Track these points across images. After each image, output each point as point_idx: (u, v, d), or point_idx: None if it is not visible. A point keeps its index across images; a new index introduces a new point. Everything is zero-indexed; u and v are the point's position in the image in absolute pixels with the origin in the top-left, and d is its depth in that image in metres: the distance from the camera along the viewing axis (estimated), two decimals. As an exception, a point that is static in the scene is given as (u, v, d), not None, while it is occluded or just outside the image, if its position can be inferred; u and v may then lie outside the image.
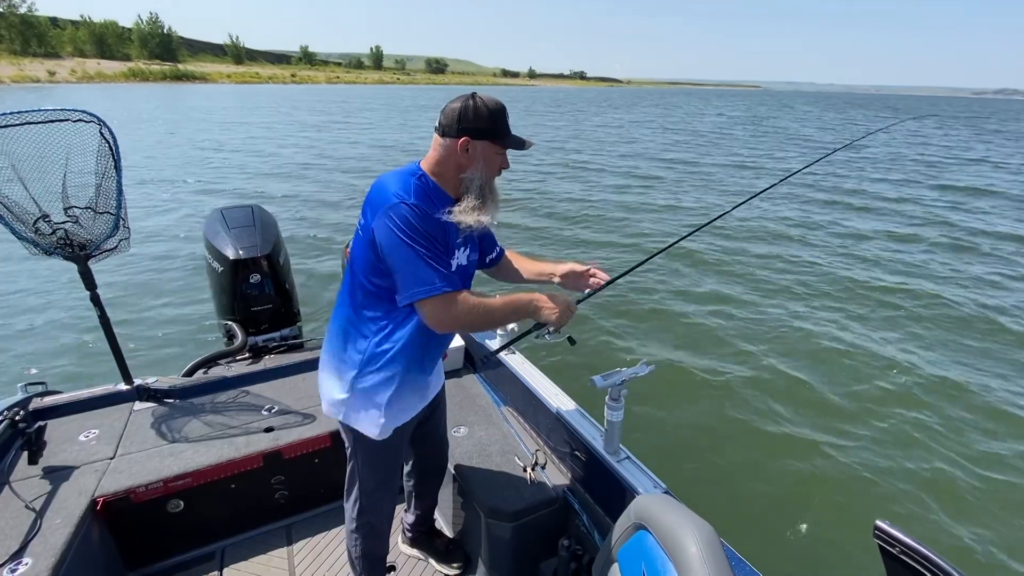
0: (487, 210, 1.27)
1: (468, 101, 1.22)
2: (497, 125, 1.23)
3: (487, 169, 1.26)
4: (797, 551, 2.70)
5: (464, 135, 1.21)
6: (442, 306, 1.19)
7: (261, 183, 11.56)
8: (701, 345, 4.85)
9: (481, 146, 1.23)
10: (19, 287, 5.58)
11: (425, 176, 1.26)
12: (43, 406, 2.00)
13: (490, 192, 1.28)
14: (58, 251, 1.92)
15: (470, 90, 1.36)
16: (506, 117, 1.26)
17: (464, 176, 1.25)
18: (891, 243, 8.26)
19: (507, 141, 1.25)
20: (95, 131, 1.91)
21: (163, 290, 5.70)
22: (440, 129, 1.24)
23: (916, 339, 5.07)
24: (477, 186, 1.26)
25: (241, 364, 2.40)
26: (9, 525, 1.48)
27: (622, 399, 1.53)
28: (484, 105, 1.22)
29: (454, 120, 1.21)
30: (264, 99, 47.42)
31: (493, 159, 1.26)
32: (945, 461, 3.39)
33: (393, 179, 1.24)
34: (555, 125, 28.58)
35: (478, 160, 1.24)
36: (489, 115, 1.22)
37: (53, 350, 4.40)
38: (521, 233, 8.31)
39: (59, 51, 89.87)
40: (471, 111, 1.21)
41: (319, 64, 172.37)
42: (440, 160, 1.25)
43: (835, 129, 31.23)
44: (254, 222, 2.50)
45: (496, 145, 1.25)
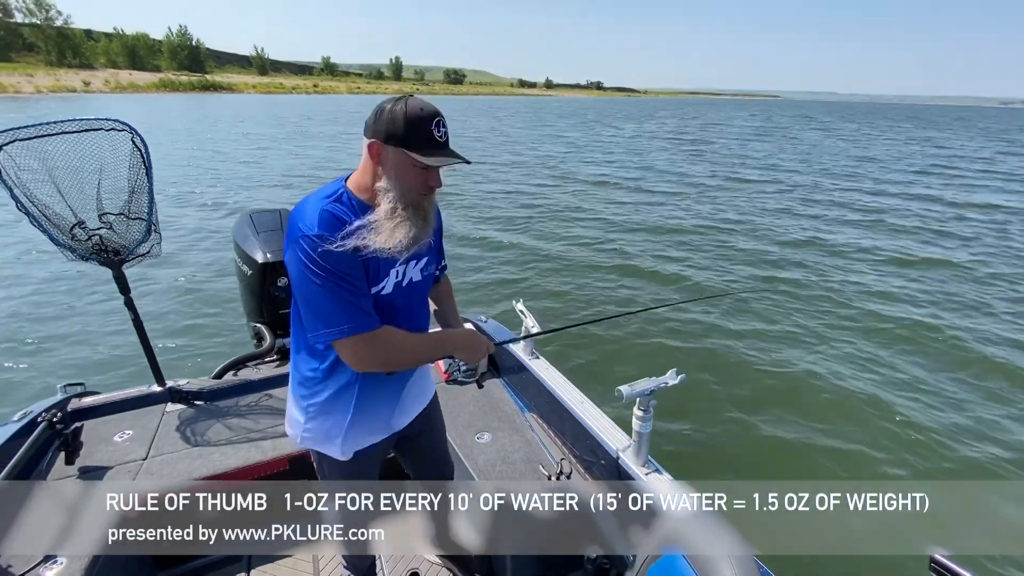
0: (400, 231, 1.08)
1: (394, 101, 1.07)
2: (412, 132, 1.04)
3: (401, 182, 1.08)
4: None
5: (374, 137, 1.07)
6: (352, 348, 1.11)
7: (287, 189, 11.79)
8: (739, 353, 4.71)
9: (393, 152, 1.06)
10: (57, 292, 5.75)
11: (346, 193, 1.11)
12: (80, 407, 2.05)
13: (406, 209, 1.09)
14: (93, 257, 1.97)
15: (487, 100, 1.29)
16: (428, 125, 1.05)
17: (378, 186, 1.09)
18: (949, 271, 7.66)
19: (422, 152, 1.05)
20: (127, 139, 1.96)
21: (194, 293, 5.82)
22: (364, 128, 1.10)
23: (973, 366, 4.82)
24: (390, 199, 1.08)
25: (269, 366, 2.44)
26: (46, 523, 1.51)
27: (651, 409, 1.50)
28: (404, 108, 1.05)
29: (371, 119, 1.07)
30: (288, 109, 48.38)
31: (409, 171, 1.08)
32: (1011, 499, 3.21)
33: (307, 205, 1.10)
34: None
35: (389, 169, 1.08)
36: (405, 119, 1.04)
37: (90, 352, 4.52)
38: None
39: (93, 62, 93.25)
40: (387, 112, 1.05)
41: (340, 75, 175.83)
42: (363, 167, 1.12)
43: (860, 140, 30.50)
44: (282, 226, 2.53)
45: (410, 155, 1.06)
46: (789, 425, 3.74)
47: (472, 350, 1.30)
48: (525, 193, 11.92)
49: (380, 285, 1.17)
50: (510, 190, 12.23)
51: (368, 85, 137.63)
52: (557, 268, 6.96)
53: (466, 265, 7.06)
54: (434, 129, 1.07)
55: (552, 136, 26.92)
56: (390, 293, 1.19)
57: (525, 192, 12.05)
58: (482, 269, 6.95)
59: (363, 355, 1.13)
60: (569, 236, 8.50)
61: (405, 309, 1.26)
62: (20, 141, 1.75)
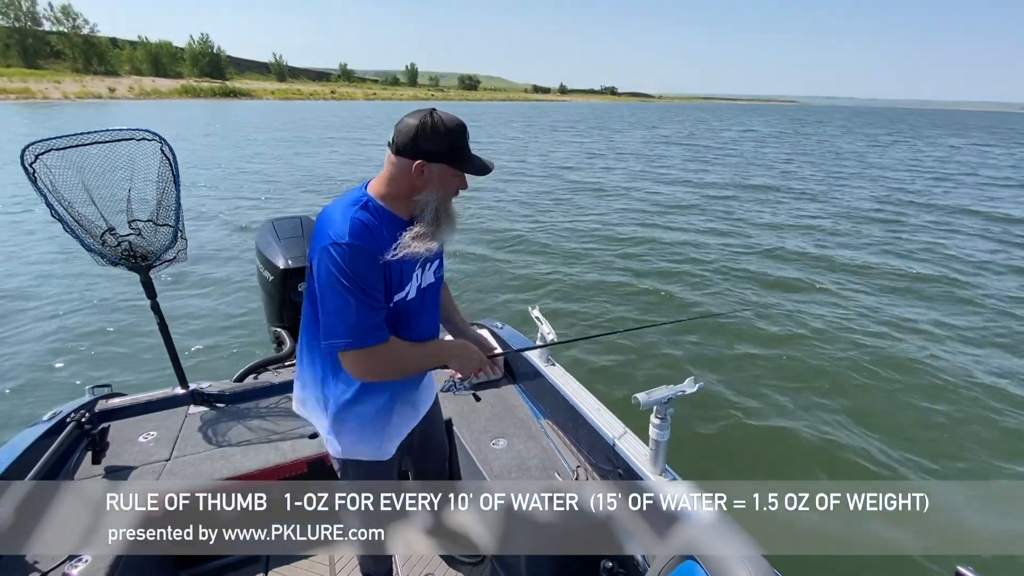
0: (440, 235, 1.19)
1: (425, 119, 1.12)
2: (455, 149, 1.13)
3: (443, 192, 1.17)
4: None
5: (420, 157, 1.12)
6: (358, 360, 1.15)
7: (309, 195, 11.98)
8: (760, 360, 4.66)
9: (437, 169, 1.14)
10: (86, 295, 5.91)
11: (371, 201, 1.17)
12: (107, 408, 2.11)
13: (445, 216, 1.19)
14: (122, 262, 2.03)
15: (499, 106, 1.33)
16: (465, 137, 1.16)
17: (418, 199, 1.17)
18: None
19: (466, 166, 1.16)
20: (156, 148, 2.02)
21: (217, 297, 5.93)
22: (394, 147, 1.14)
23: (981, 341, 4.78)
24: (432, 210, 1.17)
25: (289, 370, 2.47)
26: (72, 522, 1.55)
27: (668, 418, 1.49)
28: (443, 124, 1.12)
29: (409, 139, 1.12)
30: (308, 115, 49.04)
31: (450, 182, 1.17)
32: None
33: (335, 212, 1.15)
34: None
35: (433, 183, 1.15)
36: (447, 136, 1.12)
37: (116, 354, 4.64)
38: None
39: (118, 69, 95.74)
40: (428, 130, 1.11)
41: (357, 81, 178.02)
42: (392, 179, 1.16)
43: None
44: (303, 233, 2.58)
45: (453, 168, 1.15)
46: (793, 424, 3.70)
47: (465, 360, 1.32)
48: (546, 198, 11.95)
49: (404, 292, 1.22)
50: (537, 191, 12.29)
51: (384, 91, 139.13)
52: (577, 275, 6.93)
53: (479, 267, 7.11)
54: (467, 140, 1.17)
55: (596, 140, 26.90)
56: (414, 298, 1.25)
57: (547, 198, 12.08)
58: (498, 272, 6.98)
59: (371, 367, 1.18)
60: (595, 239, 8.51)
61: (426, 311, 1.32)
62: (56, 151, 1.81)
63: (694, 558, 0.97)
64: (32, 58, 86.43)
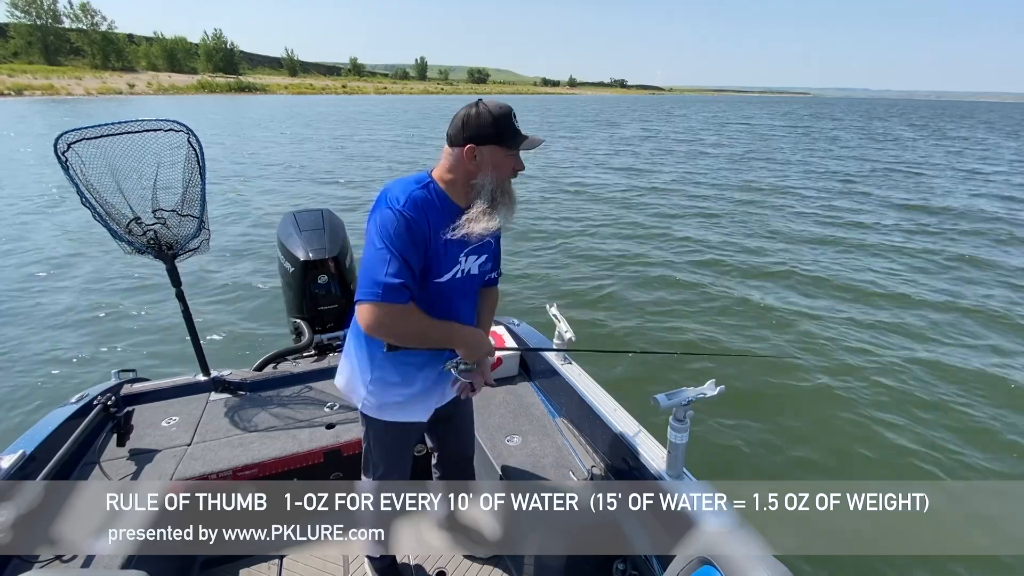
0: (498, 214, 1.27)
1: (471, 109, 1.23)
2: (501, 129, 1.22)
3: (497, 173, 1.26)
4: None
5: (469, 142, 1.22)
6: (371, 312, 1.19)
7: (330, 187, 12.08)
8: (782, 362, 4.56)
9: (488, 151, 1.23)
10: (113, 283, 6.07)
11: (433, 184, 1.27)
12: (132, 392, 2.16)
13: (502, 195, 1.28)
14: (148, 251, 2.07)
15: (505, 99, 1.36)
16: (511, 119, 1.24)
17: (475, 183, 1.26)
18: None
19: (513, 143, 1.24)
20: (183, 139, 2.06)
21: (238, 288, 6.01)
22: (448, 139, 1.26)
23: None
24: (488, 191, 1.26)
25: (307, 361, 2.50)
26: (97, 502, 1.58)
27: (687, 420, 1.45)
28: (488, 111, 1.22)
29: (459, 129, 1.23)
30: (324, 109, 49.18)
31: (503, 162, 1.26)
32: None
33: (397, 186, 1.27)
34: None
35: (487, 165, 1.24)
36: (492, 120, 1.21)
37: (141, 340, 4.75)
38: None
39: (135, 65, 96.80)
40: (474, 118, 1.22)
41: (367, 75, 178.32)
42: (450, 168, 1.27)
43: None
44: (324, 225, 2.60)
45: (503, 149, 1.24)
46: (842, 434, 3.64)
47: (475, 348, 1.34)
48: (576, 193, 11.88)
49: (443, 276, 1.29)
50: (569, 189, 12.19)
51: (394, 85, 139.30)
52: (603, 274, 6.75)
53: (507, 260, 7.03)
54: (515, 121, 1.25)
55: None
56: (451, 283, 1.31)
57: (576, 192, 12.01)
58: (526, 266, 6.94)
59: (380, 322, 1.20)
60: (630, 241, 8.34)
61: (459, 300, 1.36)
62: (87, 140, 1.85)
63: (711, 562, 0.96)
64: (53, 55, 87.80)
